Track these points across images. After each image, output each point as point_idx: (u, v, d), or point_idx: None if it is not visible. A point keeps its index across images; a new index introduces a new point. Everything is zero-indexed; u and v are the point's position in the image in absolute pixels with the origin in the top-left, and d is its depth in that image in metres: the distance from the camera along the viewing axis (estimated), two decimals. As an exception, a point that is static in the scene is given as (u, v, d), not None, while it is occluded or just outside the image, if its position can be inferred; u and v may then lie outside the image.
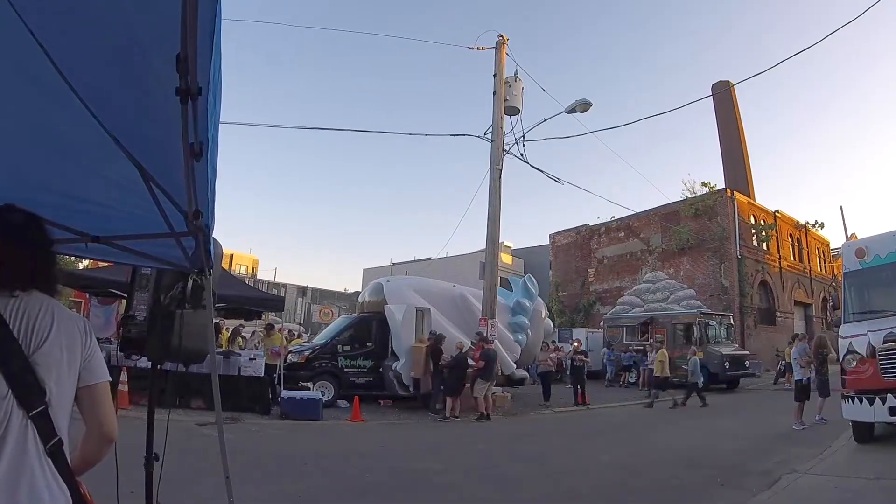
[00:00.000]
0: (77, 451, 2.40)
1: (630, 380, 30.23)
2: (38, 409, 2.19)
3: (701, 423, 17.32)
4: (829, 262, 52.47)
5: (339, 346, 19.66)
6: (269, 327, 19.71)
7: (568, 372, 23.36)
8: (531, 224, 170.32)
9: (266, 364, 17.15)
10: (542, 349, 21.45)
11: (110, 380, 2.47)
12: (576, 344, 23.74)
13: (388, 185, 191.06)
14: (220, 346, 18.14)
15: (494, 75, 21.57)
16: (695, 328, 28.89)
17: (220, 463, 4.28)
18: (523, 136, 21.24)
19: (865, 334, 11.81)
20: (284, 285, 70.39)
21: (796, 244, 48.29)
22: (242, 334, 21.99)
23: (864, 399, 11.51)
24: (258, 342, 22.72)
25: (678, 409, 21.12)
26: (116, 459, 3.16)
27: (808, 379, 16.02)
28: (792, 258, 46.96)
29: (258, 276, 76.24)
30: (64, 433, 2.27)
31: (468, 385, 18.10)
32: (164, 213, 2.98)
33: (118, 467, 3.35)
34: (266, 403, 16.07)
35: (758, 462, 11.14)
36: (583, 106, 20.70)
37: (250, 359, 16.81)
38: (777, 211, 45.62)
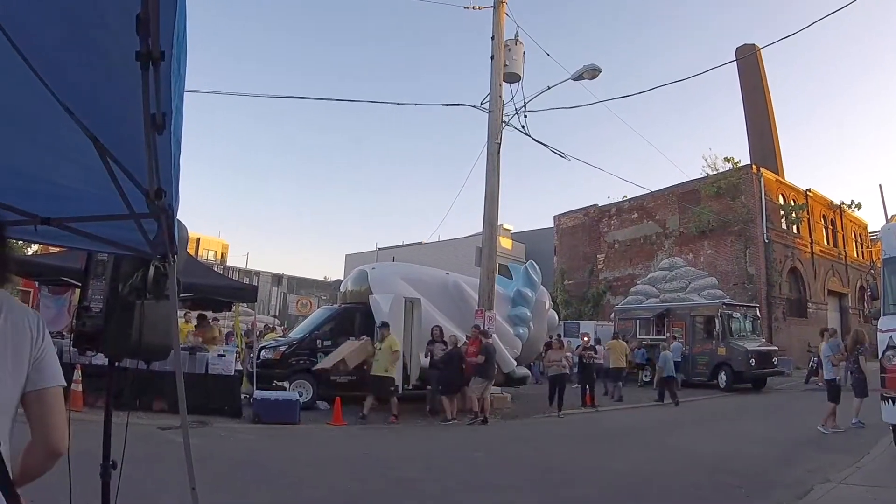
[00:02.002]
0: (18, 461, 2.36)
1: (644, 378, 30.25)
2: None
3: (724, 427, 17.40)
4: (867, 246, 52.61)
5: (318, 341, 19.62)
6: (201, 318, 19.45)
7: (575, 370, 23.35)
8: (533, 205, 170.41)
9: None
10: (553, 347, 21.33)
11: (64, 384, 2.44)
12: (584, 339, 23.74)
13: (373, 161, 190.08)
14: (215, 341, 18.21)
15: (492, 38, 21.49)
16: (717, 321, 29.03)
17: (186, 472, 4.28)
18: (524, 106, 21.24)
19: (908, 327, 11.83)
20: (257, 273, 70.17)
21: (830, 227, 48.41)
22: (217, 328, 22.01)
23: (907, 400, 11.55)
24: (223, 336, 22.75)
25: (673, 408, 21.89)
26: (70, 468, 3.16)
27: (841, 378, 16.12)
28: (825, 242, 47.15)
29: (228, 263, 76.01)
30: (4, 438, 2.26)
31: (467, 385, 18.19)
32: (123, 192, 2.96)
33: (71, 476, 3.35)
34: (237, 405, 16.03)
35: (787, 470, 11.20)
36: (591, 72, 20.63)
37: (219, 355, 16.76)
38: (809, 190, 45.73)
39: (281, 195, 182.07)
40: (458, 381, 18.04)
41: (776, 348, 30.49)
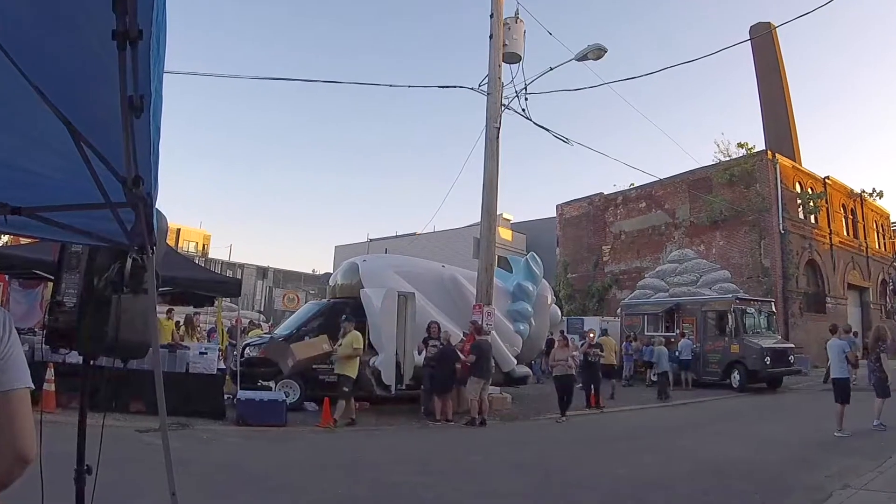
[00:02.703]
0: None
1: (653, 378, 30.27)
2: None
3: (737, 429, 17.44)
4: (890, 237, 52.68)
5: (306, 338, 19.60)
6: (188, 322, 19.43)
7: (579, 369, 23.42)
8: (535, 193, 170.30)
9: None
10: (559, 345, 21.22)
11: (31, 387, 2.40)
12: (590, 335, 23.71)
13: (364, 147, 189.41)
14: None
15: (491, 16, 21.40)
16: (729, 317, 29.05)
17: (165, 477, 4.29)
18: (525, 89, 21.17)
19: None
20: (241, 265, 70.32)
21: (850, 216, 48.46)
22: (195, 325, 22.03)
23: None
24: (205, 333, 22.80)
25: (668, 402, 22.36)
26: (42, 473, 3.15)
27: (851, 378, 16.29)
28: (845, 233, 47.21)
29: (210, 255, 76.07)
30: None
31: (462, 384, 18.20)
32: (98, 180, 2.95)
33: (44, 482, 3.34)
34: (220, 406, 16.03)
35: (804, 475, 11.22)
36: (596, 52, 20.61)
37: (201, 353, 16.75)
38: (827, 177, 45.75)
39: (266, 183, 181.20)
40: (451, 380, 18.10)
41: (792, 346, 30.50)
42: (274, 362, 18.36)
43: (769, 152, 42.18)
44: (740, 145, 43.51)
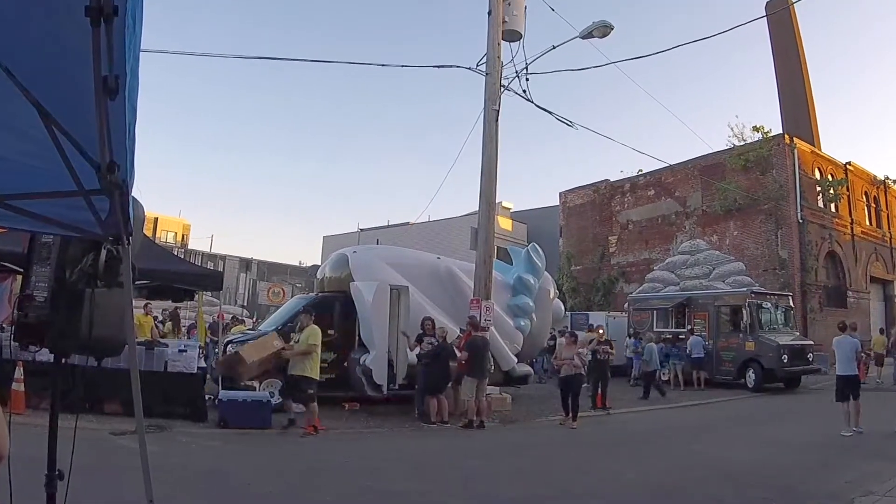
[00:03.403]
0: None
1: (662, 377, 30.27)
2: None
3: (752, 432, 17.48)
4: (916, 226, 52.67)
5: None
6: (174, 316, 19.44)
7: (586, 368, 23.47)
8: (536, 180, 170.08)
9: None
10: (565, 343, 20.97)
11: None
12: (599, 332, 23.67)
13: (354, 131, 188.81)
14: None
15: (490, -11, 21.41)
16: (744, 312, 29.09)
17: (142, 483, 4.29)
18: (526, 68, 21.11)
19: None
20: (223, 257, 70.25)
21: (873, 205, 48.45)
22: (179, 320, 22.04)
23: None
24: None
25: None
26: (10, 478, 3.16)
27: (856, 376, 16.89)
28: (867, 223, 47.24)
29: (190, 246, 75.97)
30: None
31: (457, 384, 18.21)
32: (71, 166, 2.95)
33: (12, 488, 3.35)
34: (200, 407, 16.01)
35: (824, 481, 11.25)
36: (601, 30, 20.56)
37: (180, 350, 16.74)
38: (849, 163, 45.71)
39: (250, 170, 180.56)
40: (444, 379, 18.11)
41: (812, 343, 30.50)
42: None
43: (786, 136, 42.09)
44: (756, 129, 43.45)
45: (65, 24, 1.95)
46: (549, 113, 23.17)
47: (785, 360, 27.35)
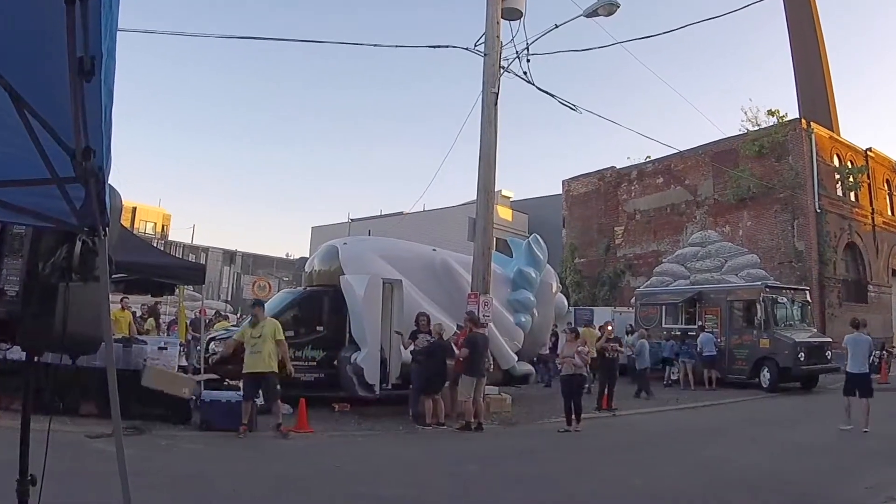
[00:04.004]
0: None
1: (672, 376, 30.27)
2: None
3: (767, 434, 17.50)
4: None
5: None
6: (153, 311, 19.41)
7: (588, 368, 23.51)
8: (538, 168, 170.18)
9: None
10: (567, 341, 20.71)
11: None
12: (608, 329, 23.60)
13: (345, 116, 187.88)
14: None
15: (489, -37, 21.37)
16: (758, 307, 29.04)
17: (119, 489, 4.29)
18: (527, 49, 21.08)
19: None
20: (206, 249, 70.33)
21: (895, 193, 48.34)
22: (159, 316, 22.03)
23: None
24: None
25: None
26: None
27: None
28: (889, 212, 47.25)
29: (170, 237, 76.03)
30: None
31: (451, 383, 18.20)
32: (44, 152, 2.94)
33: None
34: (182, 408, 15.96)
35: (843, 487, 11.27)
36: (607, 7, 20.51)
37: (160, 348, 16.70)
38: (869, 149, 45.72)
39: (234, 156, 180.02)
40: (440, 378, 18.02)
41: (830, 340, 30.26)
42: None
43: (803, 121, 42.09)
44: (771, 113, 43.55)
45: (37, 2, 1.95)
46: (552, 96, 23.11)
47: (802, 359, 27.27)
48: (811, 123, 41.97)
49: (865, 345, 17.95)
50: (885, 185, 47.23)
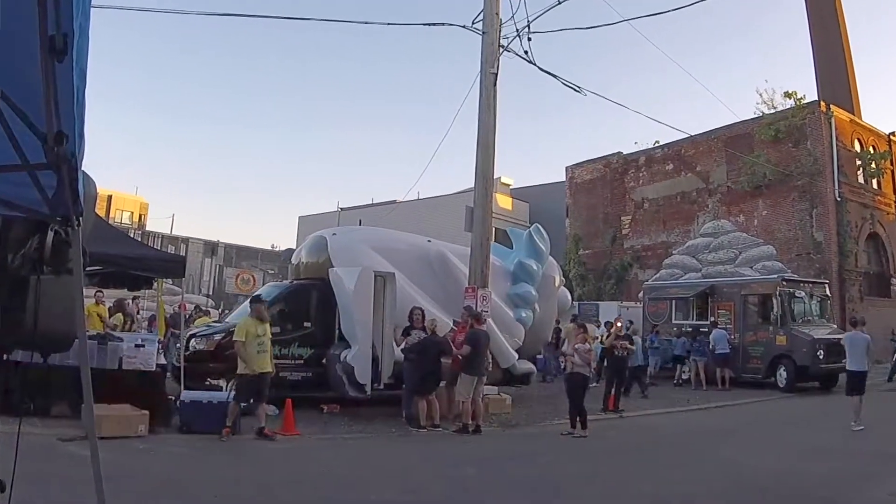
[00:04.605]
0: None
1: (682, 376, 30.24)
2: None
3: (783, 437, 17.55)
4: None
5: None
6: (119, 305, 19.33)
7: (603, 364, 23.47)
8: (540, 153, 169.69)
9: None
10: (575, 336, 20.43)
11: None
12: (617, 325, 23.57)
13: (334, 98, 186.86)
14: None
15: (488, -65, 21.32)
16: (774, 301, 29.04)
17: (94, 495, 4.29)
18: (528, 27, 21.05)
19: None
20: (185, 240, 70.27)
21: (921, 181, 48.35)
22: (128, 311, 21.96)
23: None
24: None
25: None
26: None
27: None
28: (914, 201, 47.02)
29: (148, 228, 75.99)
30: None
31: (447, 383, 18.19)
32: (13, 137, 2.94)
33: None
34: (163, 409, 15.94)
35: (864, 492, 11.30)
36: (614, -19, 20.57)
37: (137, 345, 16.67)
38: (893, 133, 45.64)
39: (216, 141, 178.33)
40: (433, 377, 17.98)
41: (869, 336, 29.98)
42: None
43: (822, 103, 41.97)
44: (788, 95, 43.32)
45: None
46: (555, 77, 23.08)
47: (821, 357, 27.17)
48: (831, 106, 41.91)
49: (864, 343, 18.74)
50: (910, 171, 47.14)
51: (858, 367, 18.74)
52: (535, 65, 21.10)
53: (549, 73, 22.15)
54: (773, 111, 42.97)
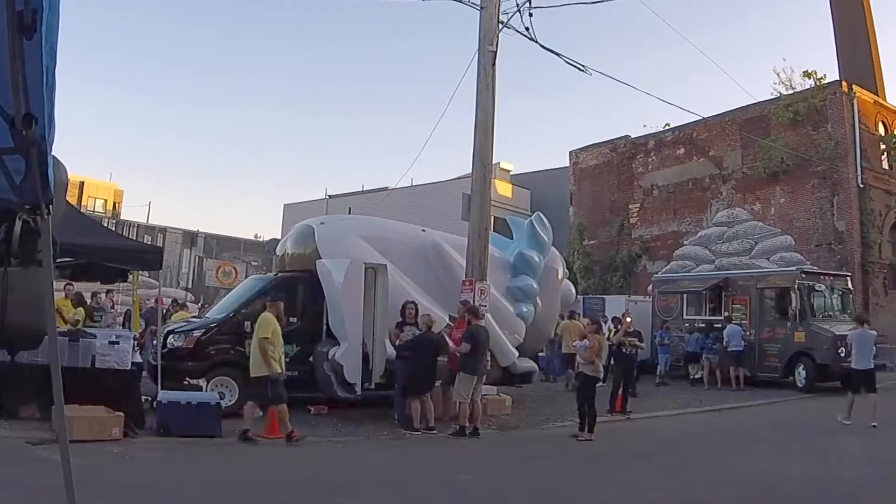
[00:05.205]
0: None
1: (696, 375, 30.20)
2: None
3: (804, 441, 17.57)
4: None
5: (246, 323, 19.39)
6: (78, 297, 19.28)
7: (611, 362, 23.50)
8: (542, 137, 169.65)
9: None
10: (588, 333, 20.16)
11: None
12: (627, 320, 23.52)
13: (321, 78, 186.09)
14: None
15: None
16: (793, 295, 28.94)
17: (64, 502, 4.30)
18: (529, 1, 21.08)
19: None
20: (163, 230, 70.17)
21: (950, 166, 48.33)
22: (91, 304, 21.94)
23: None
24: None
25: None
26: None
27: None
28: (943, 187, 47.00)
29: (123, 216, 75.99)
30: None
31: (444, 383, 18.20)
32: (-22, 119, 2.94)
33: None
34: (137, 411, 15.94)
35: (889, 500, 11.29)
36: (623, -48, 20.53)
37: (111, 342, 16.66)
38: (920, 115, 45.52)
39: (195, 124, 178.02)
40: (429, 376, 17.94)
41: (875, 333, 29.99)
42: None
43: (844, 84, 41.80)
44: (807, 74, 43.22)
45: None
46: (558, 55, 23.07)
47: (842, 354, 26.47)
48: (853, 86, 41.75)
49: (871, 341, 19.67)
50: (938, 155, 47.06)
51: (865, 365, 19.60)
52: (536, 42, 21.11)
53: (551, 52, 22.15)
54: (791, 92, 42.83)
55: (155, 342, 19.25)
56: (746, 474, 13.56)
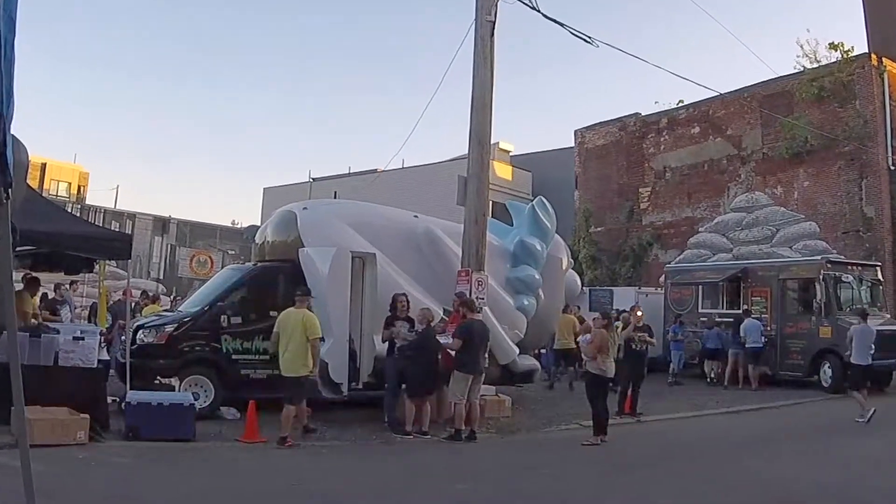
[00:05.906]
0: None
1: (711, 375, 30.15)
2: None
3: (829, 445, 17.59)
4: None
5: (223, 317, 19.49)
6: (31, 282, 19.24)
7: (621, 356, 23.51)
8: (545, 115, 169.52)
9: None
10: (596, 326, 20.05)
11: None
12: (637, 314, 23.35)
13: (304, 52, 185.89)
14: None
15: None
16: (818, 287, 28.87)
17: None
18: (532, -33, 21.06)
19: None
20: (132, 215, 70.02)
21: None
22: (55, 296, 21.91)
23: None
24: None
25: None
26: None
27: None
28: (980, 169, 46.93)
29: (88, 201, 75.85)
30: None
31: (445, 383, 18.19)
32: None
33: None
34: (102, 413, 15.90)
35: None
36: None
37: (75, 338, 16.62)
38: (956, 91, 45.47)
39: (166, 102, 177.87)
40: (432, 377, 17.91)
41: (875, 329, 29.81)
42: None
43: (874, 56, 41.58)
44: (833, 47, 43.07)
45: None
46: (562, 26, 23.00)
47: (872, 351, 26.83)
48: (883, 59, 41.52)
49: (871, 336, 21.03)
50: (975, 135, 47.00)
51: (863, 360, 21.34)
52: (538, 11, 21.09)
53: (555, 22, 22.11)
54: (815, 65, 42.77)
55: (123, 338, 19.21)
56: (764, 480, 13.58)
